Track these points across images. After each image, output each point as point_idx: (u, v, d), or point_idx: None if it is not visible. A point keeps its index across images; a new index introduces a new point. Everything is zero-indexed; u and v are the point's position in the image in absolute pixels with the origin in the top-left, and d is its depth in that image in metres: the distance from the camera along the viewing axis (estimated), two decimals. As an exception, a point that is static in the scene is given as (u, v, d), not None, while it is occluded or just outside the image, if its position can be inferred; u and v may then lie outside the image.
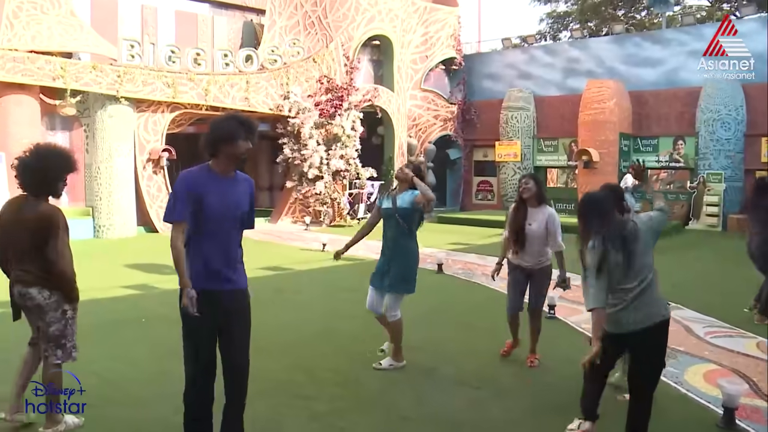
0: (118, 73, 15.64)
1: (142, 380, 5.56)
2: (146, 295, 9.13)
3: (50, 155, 4.25)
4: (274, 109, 18.27)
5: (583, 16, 35.50)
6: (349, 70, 19.49)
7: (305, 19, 19.54)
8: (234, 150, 3.74)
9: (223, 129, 3.72)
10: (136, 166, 16.45)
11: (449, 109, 23.51)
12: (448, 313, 8.19)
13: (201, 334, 3.78)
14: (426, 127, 23.11)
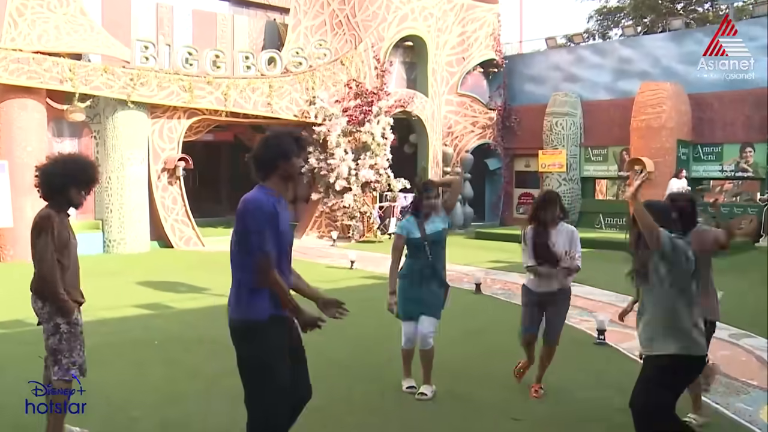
0: (131, 76, 15.88)
1: (154, 405, 5.57)
2: (159, 315, 9.19)
3: (64, 162, 4.48)
4: (298, 116, 18.40)
5: (637, 12, 35.12)
6: (380, 74, 19.56)
7: (332, 18, 19.69)
8: (291, 169, 3.81)
9: (279, 146, 3.80)
10: (149, 176, 16.66)
11: (488, 116, 23.46)
12: (486, 336, 8.11)
13: (285, 366, 3.73)
14: (463, 134, 23.07)
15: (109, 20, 17.60)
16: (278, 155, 3.79)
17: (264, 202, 3.71)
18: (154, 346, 7.54)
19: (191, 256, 15.81)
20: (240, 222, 3.71)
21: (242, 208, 3.70)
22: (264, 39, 21.03)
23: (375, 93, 19.20)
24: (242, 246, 3.70)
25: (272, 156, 3.79)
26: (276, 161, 3.79)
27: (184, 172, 17.01)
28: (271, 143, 3.83)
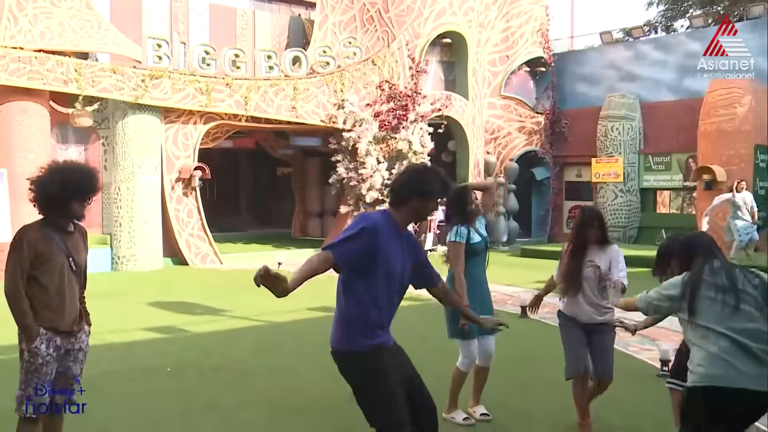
0: (143, 77, 16.01)
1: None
2: (172, 340, 9.16)
3: (61, 171, 4.41)
4: (325, 121, 18.41)
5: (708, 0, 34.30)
6: (415, 74, 19.51)
7: (363, 13, 19.71)
8: (424, 211, 3.96)
9: (427, 184, 3.92)
10: (163, 187, 16.77)
11: (535, 120, 23.27)
12: (532, 367, 7.91)
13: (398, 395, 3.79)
14: (507, 141, 22.90)
15: (118, 16, 17.80)
16: (421, 191, 3.90)
17: (378, 222, 3.82)
18: (166, 373, 7.48)
19: (208, 274, 15.82)
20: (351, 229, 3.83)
21: (359, 220, 3.86)
22: (288, 36, 21.12)
23: (410, 96, 19.15)
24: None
25: (416, 189, 3.90)
26: (412, 197, 3.89)
27: (200, 183, 17.08)
28: (418, 178, 3.95)
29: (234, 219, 25.30)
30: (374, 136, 18.50)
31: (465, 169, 20.86)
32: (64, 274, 4.35)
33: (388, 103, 19.10)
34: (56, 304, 4.33)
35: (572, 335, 5.56)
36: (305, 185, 24.39)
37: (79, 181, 4.38)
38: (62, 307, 4.34)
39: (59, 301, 4.33)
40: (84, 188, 4.39)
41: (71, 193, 4.33)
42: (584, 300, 5.47)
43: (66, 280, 4.36)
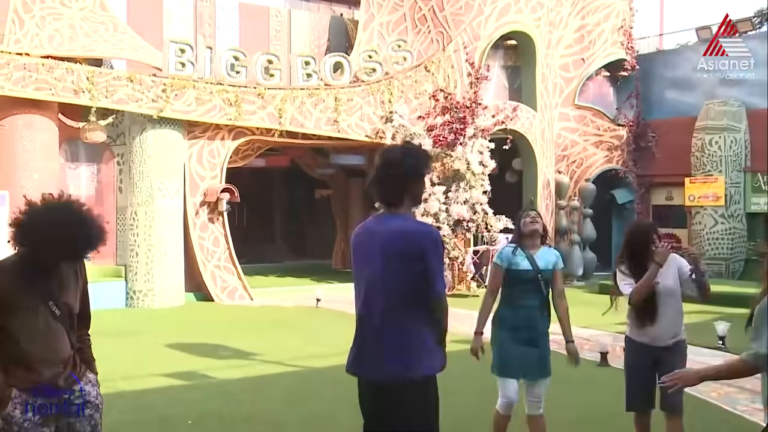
0: (164, 86, 16.24)
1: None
2: (195, 387, 9.18)
3: (42, 218, 4.03)
4: (371, 136, 18.47)
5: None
6: (475, 82, 19.48)
7: (414, 12, 19.78)
8: (421, 190, 4.35)
9: (413, 162, 4.24)
10: (185, 212, 16.94)
11: (615, 133, 23.02)
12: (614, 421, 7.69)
13: None
14: (582, 158, 22.68)
15: (136, 17, 18.04)
16: (412, 173, 4.19)
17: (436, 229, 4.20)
18: (187, 426, 7.49)
19: (236, 312, 15.87)
20: (421, 253, 4.06)
21: (424, 238, 4.10)
22: (328, 39, 21.21)
23: (468, 107, 19.09)
24: (417, 286, 4.06)
25: (405, 174, 4.17)
26: (407, 181, 4.18)
27: (228, 207, 17.19)
28: (405, 159, 4.19)
29: (266, 248, 25.36)
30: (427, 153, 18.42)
31: (533, 191, 20.70)
32: (40, 321, 4.00)
33: (443, 115, 19.08)
34: (33, 358, 4.01)
35: (638, 363, 5.80)
36: (347, 209, 24.37)
37: (68, 237, 3.97)
38: (42, 361, 4.03)
39: (37, 353, 4.02)
40: (77, 248, 4.03)
41: (56, 254, 3.99)
42: (662, 320, 5.71)
43: (45, 328, 4.01)
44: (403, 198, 4.18)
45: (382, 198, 4.22)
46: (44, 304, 3.99)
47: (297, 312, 15.83)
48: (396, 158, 4.18)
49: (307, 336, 12.69)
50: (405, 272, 4.04)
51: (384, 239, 4.13)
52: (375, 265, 4.13)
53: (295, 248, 26.84)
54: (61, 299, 4.05)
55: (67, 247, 3.95)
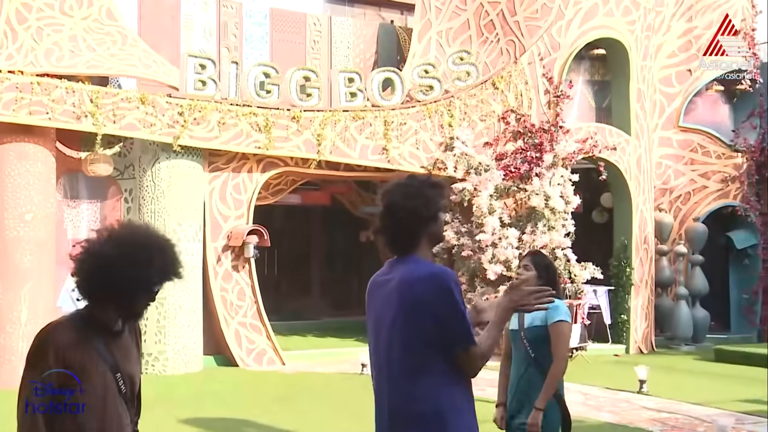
0: (180, 108, 16.26)
1: None
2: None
3: (132, 240, 4.07)
4: (428, 167, 18.38)
5: None
6: (554, 100, 19.29)
7: (479, 17, 19.71)
8: (440, 229, 4.44)
9: (425, 198, 4.32)
10: (205, 258, 16.92)
11: (732, 162, 22.56)
12: None
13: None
14: (689, 193, 22.26)
15: (149, 27, 18.21)
16: (426, 212, 4.28)
17: (453, 272, 4.24)
18: None
19: (265, 379, 15.79)
20: (435, 304, 4.11)
21: (430, 282, 4.14)
22: (376, 52, 21.23)
23: (546, 131, 18.91)
24: (432, 343, 4.12)
25: (419, 215, 4.27)
26: (423, 222, 4.29)
27: (256, 253, 17.13)
28: (412, 195, 4.28)
29: (302, 302, 25.26)
30: (496, 187, 18.27)
31: (626, 232, 20.35)
32: (108, 399, 3.96)
33: (515, 141, 18.93)
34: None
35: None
36: (399, 255, 24.25)
37: (160, 260, 4.08)
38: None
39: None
40: (165, 272, 4.11)
41: (145, 279, 4.02)
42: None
43: (111, 410, 3.97)
44: (415, 243, 4.30)
45: (389, 248, 4.35)
46: (113, 376, 3.99)
47: (338, 380, 15.69)
48: (395, 201, 4.27)
49: (350, 410, 12.48)
50: (415, 327, 4.11)
51: (390, 290, 4.26)
52: (383, 322, 4.27)
53: (336, 302, 26.68)
54: (126, 371, 4.06)
55: (159, 274, 4.06)
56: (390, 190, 4.36)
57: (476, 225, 18.20)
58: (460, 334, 4.09)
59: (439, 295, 4.07)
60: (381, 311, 4.31)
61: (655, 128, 21.77)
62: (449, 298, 4.08)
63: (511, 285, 4.63)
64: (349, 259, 27.28)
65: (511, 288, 4.55)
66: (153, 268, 4.02)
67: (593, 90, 21.18)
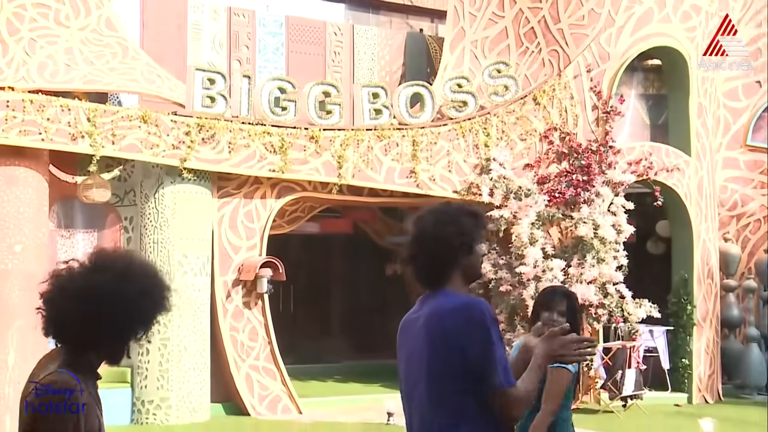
0: (187, 128, 16.28)
1: None
2: None
3: (123, 269, 3.99)
4: (462, 192, 18.35)
5: None
6: (603, 117, 19.20)
7: (519, 25, 19.67)
8: (477, 263, 4.46)
9: (459, 228, 4.34)
10: (213, 294, 16.88)
11: (809, 185, 22.35)
12: None
13: None
14: (758, 220, 22.01)
15: (152, 38, 18.29)
16: (460, 243, 4.30)
17: (486, 304, 4.20)
18: None
19: (280, 429, 15.81)
20: (464, 338, 4.11)
21: (470, 316, 4.14)
22: (404, 64, 21.24)
23: (595, 151, 18.82)
24: (467, 381, 4.10)
25: (451, 245, 4.29)
26: (456, 253, 4.30)
27: (270, 287, 17.10)
28: (445, 223, 4.32)
29: (321, 343, 25.15)
30: (539, 214, 18.16)
31: (687, 265, 20.12)
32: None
33: (559, 162, 18.87)
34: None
35: None
36: (427, 291, 24.12)
37: (152, 294, 4.06)
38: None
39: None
40: (155, 310, 4.08)
41: (140, 318, 4.00)
42: None
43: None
44: (447, 277, 4.32)
45: (418, 281, 4.38)
46: (100, 423, 3.95)
47: (361, 431, 15.64)
48: (426, 229, 4.33)
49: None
50: (444, 363, 4.13)
51: (420, 326, 4.27)
52: (412, 361, 4.31)
53: (359, 343, 26.53)
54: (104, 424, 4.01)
55: (153, 309, 4.05)
56: (422, 216, 4.39)
57: (516, 257, 18.08)
58: (490, 373, 4.06)
59: (470, 328, 4.08)
60: (411, 350, 4.33)
61: (719, 148, 21.59)
62: (480, 332, 4.08)
63: (551, 333, 4.60)
64: (374, 295, 27.13)
65: (551, 336, 4.54)
66: (142, 305, 3.98)
67: (647, 105, 21.06)
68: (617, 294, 18.18)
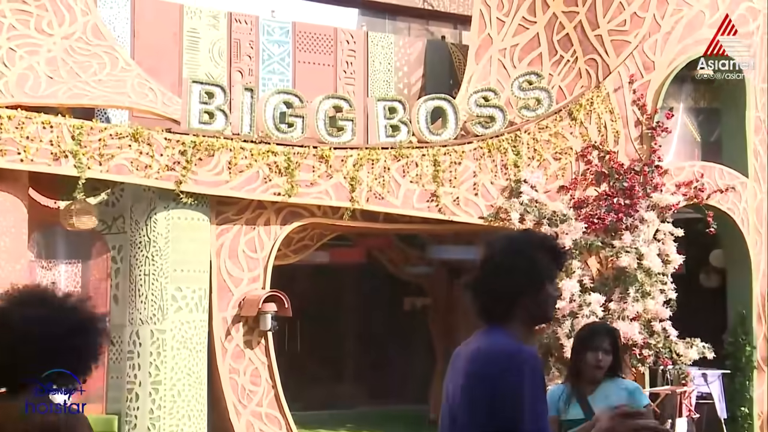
0: (182, 147, 16.25)
1: None
2: None
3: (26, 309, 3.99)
4: (489, 218, 18.34)
5: None
6: (648, 133, 19.15)
7: (552, 31, 19.66)
8: (544, 305, 4.42)
9: (529, 262, 4.32)
10: (211, 331, 16.79)
11: None
12: None
13: None
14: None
15: (145, 47, 18.35)
16: (528, 279, 4.29)
17: (529, 355, 4.17)
18: None
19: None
20: (497, 390, 4.06)
21: (507, 366, 4.11)
22: (424, 75, 21.27)
23: (639, 171, 18.77)
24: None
25: (517, 280, 4.28)
26: (522, 290, 4.29)
27: (275, 324, 17.03)
28: (514, 252, 4.35)
29: (331, 387, 25.11)
30: (575, 242, 18.12)
31: (745, 300, 20.08)
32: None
33: (598, 185, 18.83)
34: None
35: None
36: (453, 328, 23.84)
37: (65, 343, 4.01)
38: None
39: None
40: (80, 361, 4.09)
41: (67, 358, 4.01)
42: None
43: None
44: (506, 315, 4.32)
45: (476, 313, 4.41)
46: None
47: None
48: (491, 257, 4.37)
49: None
50: (472, 413, 4.12)
51: (456, 369, 4.33)
52: (447, 400, 4.36)
53: (374, 387, 26.50)
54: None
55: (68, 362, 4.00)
56: (493, 242, 4.45)
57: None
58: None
59: (505, 380, 4.04)
60: (451, 386, 4.35)
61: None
62: (515, 388, 4.03)
63: (623, 413, 4.48)
64: (391, 333, 27.07)
65: (621, 416, 4.41)
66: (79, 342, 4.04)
67: (698, 120, 20.96)
68: (665, 332, 18.11)
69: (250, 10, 19.90)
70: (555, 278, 4.41)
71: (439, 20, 23.21)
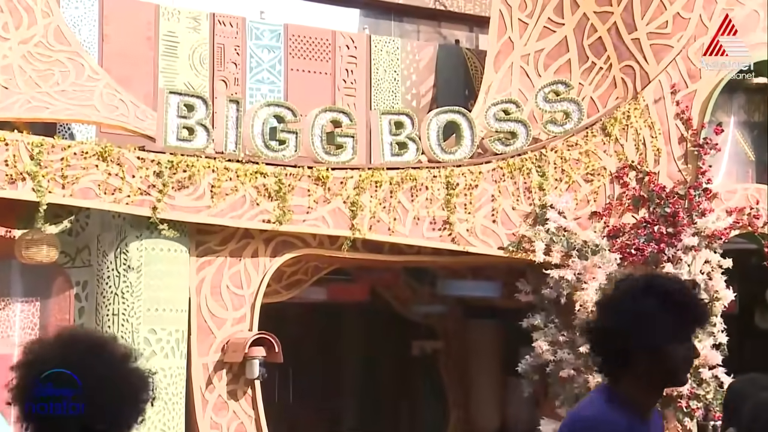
0: (158, 167, 16.15)
1: None
2: None
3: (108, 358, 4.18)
4: (510, 249, 18.27)
5: None
6: (694, 151, 19.08)
7: (582, 34, 19.66)
8: (668, 363, 4.39)
9: (650, 317, 4.28)
10: (190, 379, 16.71)
11: None
12: None
13: None
14: None
15: (115, 52, 18.36)
16: (637, 335, 4.28)
17: (603, 423, 4.23)
18: None
19: None
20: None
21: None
22: (435, 85, 21.31)
23: (683, 195, 18.69)
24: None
25: (620, 345, 4.32)
26: (628, 356, 4.34)
27: (263, 371, 16.93)
28: (621, 315, 4.34)
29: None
30: (610, 277, 17.93)
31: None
32: None
33: (636, 210, 18.78)
34: None
35: None
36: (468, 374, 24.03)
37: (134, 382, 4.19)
38: None
39: None
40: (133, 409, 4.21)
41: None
42: None
43: None
44: (617, 375, 4.38)
45: (596, 365, 4.58)
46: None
47: None
48: (602, 305, 4.46)
49: None
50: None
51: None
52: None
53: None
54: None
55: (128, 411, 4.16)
56: (608, 295, 4.54)
57: (581, 332, 17.86)
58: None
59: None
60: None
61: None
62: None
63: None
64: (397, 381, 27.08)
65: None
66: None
67: (752, 136, 20.97)
68: (715, 381, 18.01)
69: (236, 11, 19.92)
70: (685, 337, 4.36)
71: (452, 22, 23.23)
